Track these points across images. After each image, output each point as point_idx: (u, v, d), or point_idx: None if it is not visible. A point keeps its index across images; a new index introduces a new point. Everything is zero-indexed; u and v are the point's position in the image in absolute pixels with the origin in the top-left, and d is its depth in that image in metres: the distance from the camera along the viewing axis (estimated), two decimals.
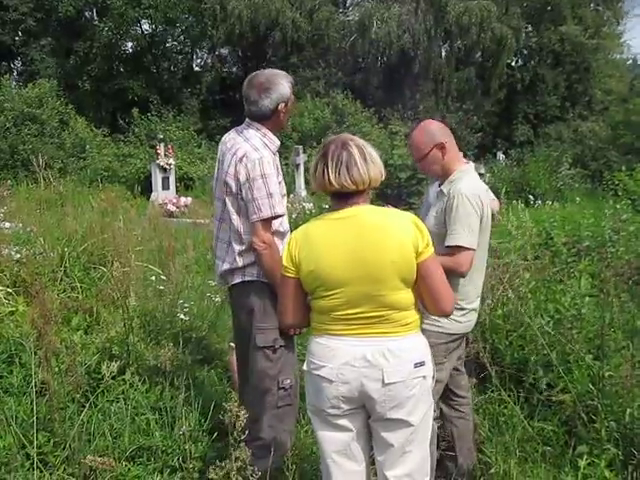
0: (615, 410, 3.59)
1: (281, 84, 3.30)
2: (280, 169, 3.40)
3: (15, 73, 31.08)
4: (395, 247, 2.52)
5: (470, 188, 3.20)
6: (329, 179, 2.57)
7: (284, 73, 3.40)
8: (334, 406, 2.61)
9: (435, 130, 3.35)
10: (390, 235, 2.54)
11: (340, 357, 2.56)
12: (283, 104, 3.31)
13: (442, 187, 3.32)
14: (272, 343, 3.28)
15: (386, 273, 2.52)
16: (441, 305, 2.64)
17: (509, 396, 3.97)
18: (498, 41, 28.17)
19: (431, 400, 2.70)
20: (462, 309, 3.25)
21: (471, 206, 3.13)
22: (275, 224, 3.29)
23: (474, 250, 3.14)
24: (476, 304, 3.38)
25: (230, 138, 3.42)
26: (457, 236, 3.12)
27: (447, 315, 2.80)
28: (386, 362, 2.53)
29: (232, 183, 3.27)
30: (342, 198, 2.62)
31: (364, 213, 2.60)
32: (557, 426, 3.80)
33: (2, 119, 21.00)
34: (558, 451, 3.64)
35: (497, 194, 5.39)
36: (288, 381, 3.32)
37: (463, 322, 3.28)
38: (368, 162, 2.58)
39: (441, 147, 3.27)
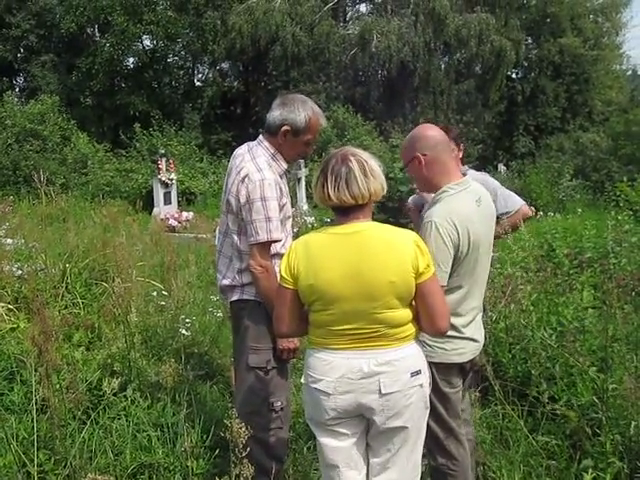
0: (620, 423, 3.57)
1: (297, 110, 3.22)
2: (286, 191, 3.34)
3: (17, 89, 31.18)
4: (395, 267, 2.51)
5: (444, 212, 2.91)
6: (328, 194, 2.57)
7: (312, 107, 3.26)
8: (333, 417, 2.63)
9: (419, 139, 3.08)
10: (390, 255, 2.53)
11: (337, 370, 2.57)
12: (288, 128, 3.22)
13: (426, 207, 3.13)
14: (265, 364, 3.27)
15: (383, 292, 2.52)
16: (437, 323, 2.62)
17: (513, 410, 3.95)
18: (497, 53, 28.23)
19: (427, 407, 2.71)
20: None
21: (439, 236, 2.85)
22: (277, 246, 3.25)
23: (441, 286, 2.80)
24: (468, 333, 3.08)
25: (240, 154, 3.36)
26: None
27: (442, 334, 2.73)
28: (383, 373, 2.55)
29: (233, 202, 3.25)
30: (343, 212, 2.61)
31: (366, 230, 2.58)
32: (561, 440, 3.78)
33: (4, 135, 21.09)
34: (563, 465, 3.62)
35: None
36: (279, 403, 3.29)
37: (449, 350, 3.01)
38: (368, 176, 2.57)
39: (418, 161, 3.04)
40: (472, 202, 3.06)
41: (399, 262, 2.52)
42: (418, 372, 2.61)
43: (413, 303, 2.62)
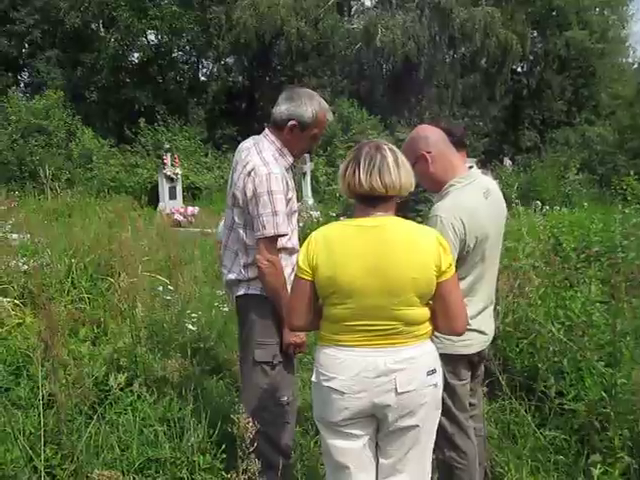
0: (628, 418, 3.55)
1: (304, 105, 3.20)
2: (292, 185, 3.32)
3: (22, 85, 31.24)
4: (418, 264, 2.47)
5: (450, 207, 2.95)
6: (359, 180, 2.50)
7: (319, 102, 3.27)
8: (345, 418, 2.56)
9: (420, 139, 3.13)
10: (414, 251, 2.49)
11: (351, 368, 2.51)
12: (295, 122, 3.20)
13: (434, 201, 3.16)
14: (271, 359, 3.24)
15: (404, 289, 2.47)
16: (454, 324, 2.59)
17: (520, 404, 3.94)
18: (503, 47, 28.14)
19: (439, 407, 2.67)
20: None
21: (444, 230, 2.86)
22: (282, 240, 3.23)
23: None
24: (475, 325, 3.07)
25: (245, 147, 3.33)
26: None
27: (459, 334, 2.70)
28: (399, 372, 2.49)
29: (240, 196, 3.22)
30: (369, 203, 2.55)
31: (390, 225, 2.54)
32: (569, 435, 3.76)
33: (9, 131, 21.14)
34: (571, 460, 3.60)
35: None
36: (285, 398, 3.27)
37: (456, 341, 3.01)
38: (400, 167, 2.53)
39: (424, 159, 3.07)
40: (479, 195, 3.06)
41: (422, 259, 2.47)
42: (434, 371, 2.57)
43: (430, 302, 2.58)
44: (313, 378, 2.66)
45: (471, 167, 3.20)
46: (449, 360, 3.00)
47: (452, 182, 3.06)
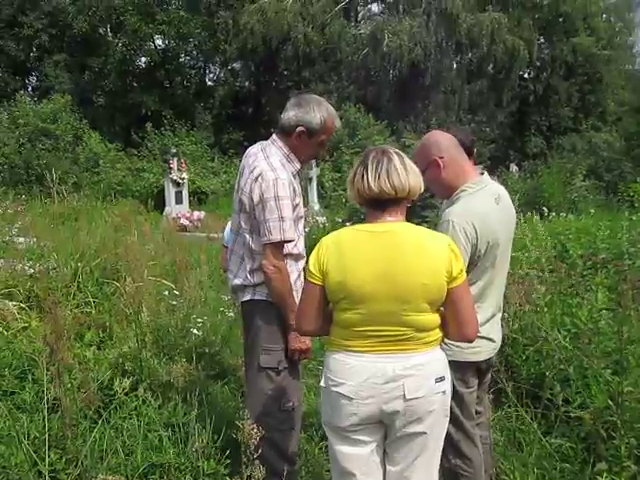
0: (635, 426, 3.52)
1: (312, 111, 3.21)
2: (299, 191, 3.32)
3: (30, 89, 31.41)
4: (428, 270, 2.46)
5: (462, 212, 2.95)
6: (368, 184, 2.51)
7: (327, 108, 3.27)
8: (353, 424, 2.55)
9: (431, 144, 3.13)
10: (425, 257, 2.48)
11: (360, 374, 2.51)
12: (303, 129, 3.20)
13: (444, 206, 3.16)
14: (276, 365, 3.24)
15: (415, 295, 2.46)
16: (465, 331, 2.58)
17: (526, 412, 3.92)
18: (510, 53, 28.13)
19: (447, 415, 2.65)
20: None
21: (457, 235, 2.85)
22: (288, 246, 3.22)
23: None
24: (484, 332, 3.02)
25: (253, 153, 3.33)
26: None
27: (470, 340, 2.69)
28: (407, 378, 2.48)
29: (246, 201, 3.22)
30: (378, 207, 2.55)
31: (401, 230, 2.53)
32: (575, 442, 3.73)
33: (17, 134, 21.27)
34: (577, 468, 3.58)
35: None
36: (290, 403, 3.27)
37: (465, 348, 3.00)
38: (408, 170, 2.54)
39: (436, 164, 3.07)
40: (491, 200, 3.06)
41: (432, 265, 2.47)
42: (442, 378, 2.56)
43: (441, 309, 2.57)
44: (322, 383, 2.65)
45: (482, 173, 3.20)
46: (458, 367, 2.99)
47: (463, 187, 3.06)
